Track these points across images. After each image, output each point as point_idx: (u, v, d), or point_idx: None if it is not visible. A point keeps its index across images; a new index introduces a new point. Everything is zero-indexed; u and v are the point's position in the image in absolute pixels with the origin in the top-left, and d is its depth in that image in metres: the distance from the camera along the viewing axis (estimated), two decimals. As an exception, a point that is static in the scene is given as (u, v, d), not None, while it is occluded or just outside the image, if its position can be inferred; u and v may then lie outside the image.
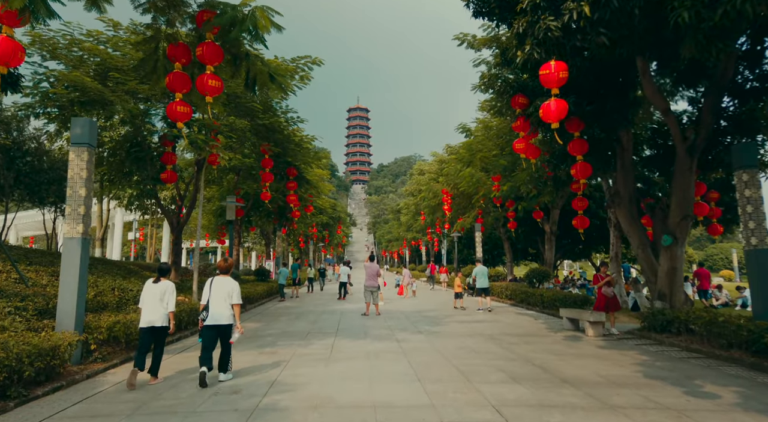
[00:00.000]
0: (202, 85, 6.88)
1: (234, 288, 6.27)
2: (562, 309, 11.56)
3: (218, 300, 6.17)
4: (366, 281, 14.20)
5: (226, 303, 6.20)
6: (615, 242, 15.30)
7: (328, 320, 12.98)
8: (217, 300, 6.17)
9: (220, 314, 6.16)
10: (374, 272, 14.15)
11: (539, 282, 17.90)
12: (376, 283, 14.17)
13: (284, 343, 9.26)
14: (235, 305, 6.26)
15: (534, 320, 13.08)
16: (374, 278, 14.15)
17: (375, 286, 14.13)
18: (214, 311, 6.15)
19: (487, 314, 14.34)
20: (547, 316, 13.95)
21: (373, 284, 14.12)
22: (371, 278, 14.13)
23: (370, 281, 14.12)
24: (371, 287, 14.11)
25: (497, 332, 10.66)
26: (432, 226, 37.42)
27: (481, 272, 16.17)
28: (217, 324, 6.17)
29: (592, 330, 10.07)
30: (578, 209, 12.46)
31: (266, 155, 15.37)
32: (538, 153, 11.44)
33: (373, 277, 14.12)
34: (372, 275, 14.13)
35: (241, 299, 6.38)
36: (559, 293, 14.54)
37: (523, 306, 16.61)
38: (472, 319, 13.11)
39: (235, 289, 6.28)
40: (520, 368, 7.00)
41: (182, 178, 16.94)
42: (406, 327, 11.60)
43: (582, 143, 9.73)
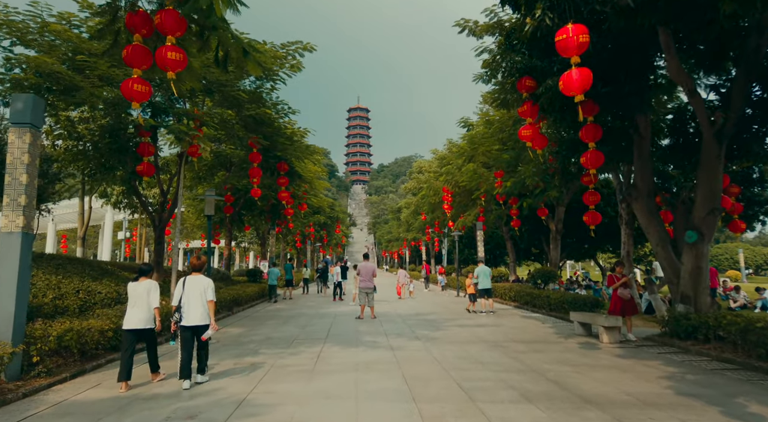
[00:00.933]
0: (161, 58, 5.93)
1: (208, 285, 6.10)
2: (572, 313, 10.61)
3: (193, 299, 6.01)
4: (360, 282, 13.22)
5: (202, 302, 6.04)
6: (626, 241, 14.33)
7: (319, 324, 12.04)
8: (192, 299, 6.01)
9: (197, 313, 6.00)
10: (370, 273, 13.20)
11: (544, 283, 16.94)
12: (371, 284, 13.14)
13: (266, 352, 8.32)
14: (209, 302, 6.08)
15: (541, 324, 12.13)
16: (370, 278, 13.14)
17: (370, 287, 13.11)
18: (189, 311, 5.99)
19: (490, 318, 13.40)
20: (554, 320, 12.99)
21: (368, 286, 13.07)
22: (366, 278, 13.13)
23: (366, 283, 13.09)
24: (366, 288, 13.10)
25: (502, 338, 9.70)
26: (432, 225, 36.45)
27: (483, 273, 15.22)
28: (193, 325, 5.99)
29: (608, 336, 9.12)
30: (589, 203, 11.48)
31: (254, 148, 14.43)
32: (545, 143, 10.48)
33: (368, 278, 13.13)
34: (367, 275, 13.17)
35: (215, 296, 6.19)
36: (567, 295, 13.58)
37: (527, 309, 15.66)
38: (475, 323, 12.16)
39: (209, 286, 6.11)
40: (532, 383, 6.05)
41: (167, 172, 16.01)
42: (403, 331, 10.64)
43: (596, 128, 8.78)
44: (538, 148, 10.32)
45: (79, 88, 10.96)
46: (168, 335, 9.53)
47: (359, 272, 13.22)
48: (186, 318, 5.98)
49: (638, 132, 9.56)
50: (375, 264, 14.15)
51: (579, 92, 6.90)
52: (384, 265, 79.02)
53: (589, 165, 8.84)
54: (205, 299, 6.05)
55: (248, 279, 21.88)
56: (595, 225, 12.15)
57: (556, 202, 19.89)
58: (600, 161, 8.85)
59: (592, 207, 11.48)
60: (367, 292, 13.08)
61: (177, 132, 10.25)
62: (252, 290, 17.89)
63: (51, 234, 31.48)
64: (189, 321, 5.98)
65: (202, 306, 6.02)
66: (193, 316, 5.99)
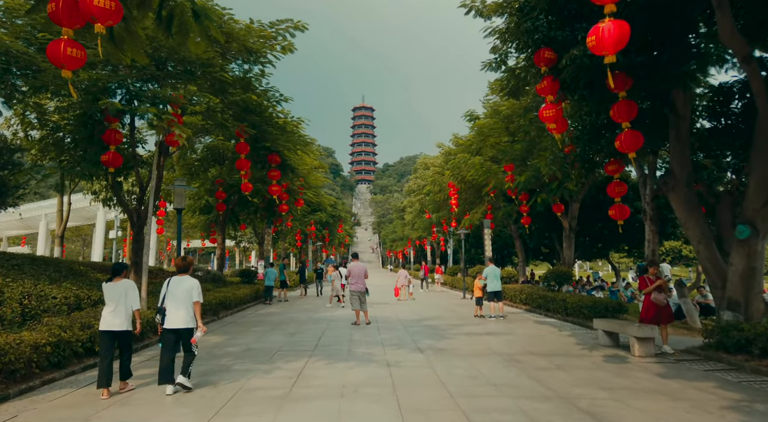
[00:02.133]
0: (86, 6, 4.68)
1: (193, 286, 5.80)
2: (596, 320, 9.26)
3: (177, 301, 5.70)
4: (351, 284, 11.96)
5: (186, 304, 5.72)
6: (651, 238, 12.94)
7: (310, 331, 10.78)
8: (176, 301, 5.70)
9: (180, 315, 5.67)
10: (361, 274, 11.92)
11: (558, 285, 15.59)
12: (363, 286, 11.94)
13: (239, 368, 7.07)
14: (195, 304, 5.77)
15: (558, 331, 10.80)
16: (362, 280, 11.92)
17: (362, 290, 11.90)
18: (172, 313, 5.68)
19: (500, 324, 12.09)
20: (572, 326, 11.66)
21: (360, 288, 11.85)
22: (357, 280, 11.87)
23: (357, 285, 11.84)
24: (358, 290, 11.85)
25: (518, 350, 8.39)
26: (438, 224, 35.14)
27: (492, 274, 13.91)
28: (176, 328, 5.67)
29: (641, 348, 7.79)
30: (615, 195, 10.09)
31: (241, 138, 13.21)
32: (566, 126, 9.17)
33: (359, 279, 11.88)
34: (359, 276, 11.89)
35: (201, 297, 5.87)
36: (586, 299, 12.24)
37: (540, 313, 14.32)
38: (483, 330, 10.86)
39: (195, 287, 5.80)
40: (562, 417, 4.75)
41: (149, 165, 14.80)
42: (403, 341, 9.36)
43: (629, 105, 7.45)
44: (559, 132, 9.00)
45: (41, 70, 9.80)
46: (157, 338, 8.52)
47: (350, 274, 12.01)
48: (168, 320, 5.66)
49: (675, 111, 8.22)
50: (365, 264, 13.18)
51: (612, 51, 5.61)
52: (389, 265, 77.64)
53: (626, 148, 7.51)
54: (191, 301, 5.73)
55: (242, 280, 20.68)
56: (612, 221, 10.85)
57: (570, 197, 18.55)
58: (638, 143, 7.52)
59: (618, 200, 10.11)
60: (360, 295, 11.87)
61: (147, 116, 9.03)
62: (243, 293, 16.69)
63: (42, 233, 30.43)
64: (171, 323, 5.65)
65: (185, 309, 5.69)
66: (175, 318, 5.65)
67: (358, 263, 12.22)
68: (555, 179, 16.47)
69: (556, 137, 9.14)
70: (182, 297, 5.70)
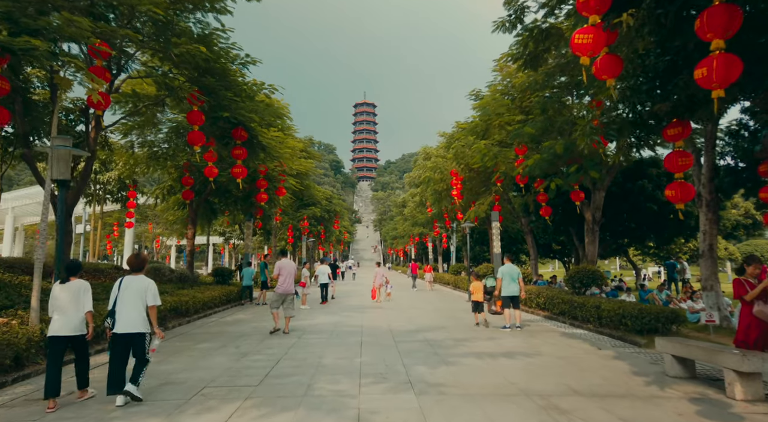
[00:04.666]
0: None
1: (148, 288, 5.30)
2: (660, 340, 6.58)
3: (128, 303, 5.19)
4: (279, 286, 10.08)
5: (139, 307, 5.22)
6: (708, 230, 10.25)
7: (270, 350, 8.18)
8: (127, 303, 5.19)
9: (131, 320, 5.14)
10: (292, 273, 10.21)
11: (585, 287, 12.92)
12: (292, 288, 10.19)
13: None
14: (150, 308, 5.29)
15: (597, 351, 8.15)
16: (290, 280, 10.14)
17: (291, 292, 10.13)
18: (122, 316, 5.16)
19: (518, 337, 9.46)
20: (612, 341, 9.02)
21: (288, 290, 10.05)
22: (286, 280, 10.08)
23: (285, 286, 10.03)
24: (286, 293, 10.04)
25: (553, 386, 5.76)
26: (440, 219, 32.47)
27: (509, 274, 11.27)
28: (127, 333, 5.13)
29: (745, 388, 5.15)
30: (676, 169, 7.35)
31: (194, 106, 10.59)
32: (619, 68, 6.47)
33: (289, 279, 10.11)
34: (287, 276, 10.11)
35: (158, 300, 5.34)
36: (628, 306, 9.57)
37: (564, 321, 11.68)
38: (498, 348, 8.23)
39: (150, 288, 5.30)
40: None
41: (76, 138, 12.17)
42: (389, 367, 6.74)
43: (729, 12, 4.80)
44: (612, 75, 6.31)
45: None
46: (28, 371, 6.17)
47: (280, 272, 10.08)
48: (119, 324, 5.17)
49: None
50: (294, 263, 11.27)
51: None
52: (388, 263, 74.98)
53: (716, 80, 4.84)
54: (144, 304, 5.28)
55: (215, 281, 18.08)
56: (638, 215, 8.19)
57: (593, 185, 15.93)
58: (734, 72, 4.84)
59: (679, 175, 7.42)
60: (285, 298, 10.08)
61: (29, 52, 6.37)
62: (210, 295, 14.10)
63: (9, 230, 27.86)
64: (122, 327, 5.16)
65: (138, 311, 5.22)
66: (125, 322, 5.17)
67: (289, 262, 10.33)
68: (574, 163, 13.88)
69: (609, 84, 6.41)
70: (135, 299, 5.22)
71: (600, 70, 6.31)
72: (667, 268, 21.41)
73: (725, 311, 10.01)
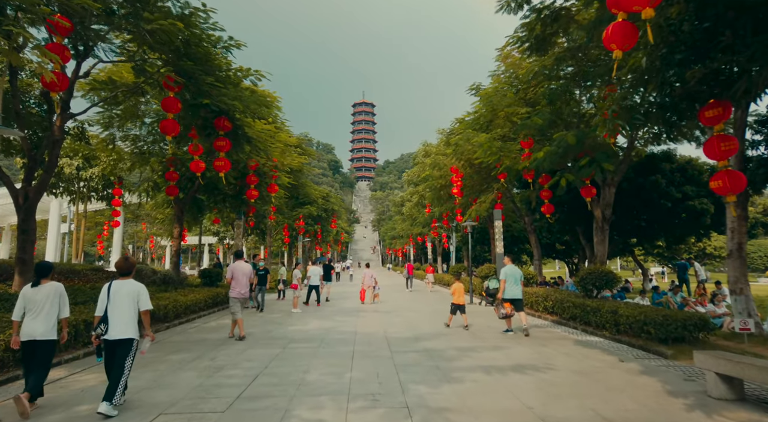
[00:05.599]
0: None
1: (140, 292, 5.12)
2: (699, 354, 5.63)
3: (121, 309, 4.98)
4: (232, 289, 9.56)
5: (130, 312, 5.01)
6: (737, 228, 9.27)
7: (249, 363, 7.22)
8: (120, 309, 4.97)
9: (122, 325, 4.94)
10: (247, 275, 9.70)
11: (598, 290, 11.98)
12: (246, 291, 9.63)
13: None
14: (144, 313, 5.12)
15: (620, 363, 7.20)
16: (246, 283, 9.64)
17: (245, 295, 9.61)
18: (115, 322, 4.92)
19: (527, 345, 8.50)
20: (633, 351, 8.07)
21: (243, 293, 9.54)
22: (241, 283, 9.58)
23: (240, 289, 9.53)
24: (240, 296, 9.53)
25: (576, 409, 4.81)
26: (439, 218, 31.53)
27: (512, 275, 10.43)
28: (119, 339, 4.91)
29: (814, 418, 4.21)
30: (719, 156, 6.33)
31: (170, 91, 9.62)
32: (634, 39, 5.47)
33: (244, 282, 9.61)
34: (243, 278, 9.60)
35: (150, 304, 5.17)
36: (650, 312, 8.61)
37: (576, 327, 10.74)
38: (508, 359, 7.28)
39: (142, 293, 5.13)
40: None
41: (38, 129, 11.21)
42: (384, 386, 5.79)
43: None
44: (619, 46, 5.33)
45: None
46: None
47: (233, 275, 9.58)
48: (112, 331, 4.90)
49: None
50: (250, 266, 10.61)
51: None
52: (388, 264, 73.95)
53: None
54: (135, 309, 5.05)
55: (202, 282, 17.10)
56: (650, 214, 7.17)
57: (603, 180, 15.03)
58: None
59: (725, 163, 6.42)
60: (242, 301, 9.63)
61: None
62: (194, 299, 13.13)
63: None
64: (115, 333, 4.90)
65: (130, 317, 4.99)
66: (120, 328, 4.92)
67: (244, 264, 9.84)
68: (586, 155, 12.99)
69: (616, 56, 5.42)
70: (127, 304, 5.03)
71: (609, 38, 5.31)
72: (677, 269, 20.46)
73: (755, 317, 9.07)
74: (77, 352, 7.64)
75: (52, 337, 5.09)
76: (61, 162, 18.80)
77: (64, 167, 18.79)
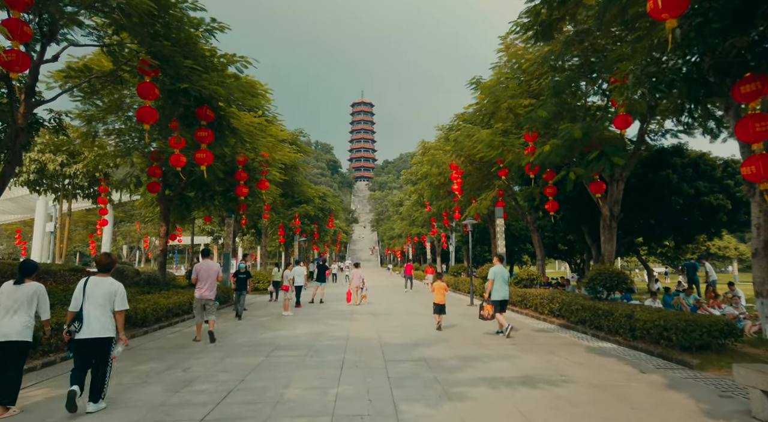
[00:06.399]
0: None
1: (117, 291, 4.93)
2: (742, 369, 4.84)
3: (94, 307, 4.79)
4: (197, 289, 9.00)
5: (106, 311, 4.84)
6: (762, 224, 8.44)
7: (224, 375, 6.42)
8: (95, 306, 4.79)
9: (97, 324, 4.75)
10: (213, 276, 9.12)
11: (609, 291, 11.21)
12: (212, 293, 9.02)
13: None
14: (118, 313, 4.92)
15: (641, 374, 6.42)
16: (211, 286, 9.03)
17: (211, 298, 9.00)
18: (90, 320, 4.74)
19: (533, 353, 7.71)
20: (654, 360, 7.30)
21: (206, 295, 8.94)
22: (207, 285, 8.99)
23: (205, 291, 8.95)
24: (204, 299, 8.97)
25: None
26: (438, 217, 30.77)
27: (501, 275, 9.89)
28: (92, 337, 4.71)
29: None
30: (752, 138, 5.63)
31: (146, 77, 8.83)
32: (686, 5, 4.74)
33: (211, 284, 9.03)
34: (209, 279, 9.04)
35: (126, 304, 4.97)
36: (670, 316, 7.83)
37: (585, 331, 9.96)
38: (515, 369, 6.49)
39: (119, 292, 4.94)
40: None
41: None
42: (376, 406, 4.99)
43: None
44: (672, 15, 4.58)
45: None
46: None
47: (197, 276, 9.01)
48: (85, 329, 4.70)
49: None
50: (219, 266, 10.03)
51: None
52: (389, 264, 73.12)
53: None
54: (111, 309, 4.88)
55: (189, 284, 16.28)
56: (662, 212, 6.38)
57: (611, 177, 14.29)
58: None
59: (758, 146, 5.66)
60: (206, 303, 9.01)
61: None
62: (177, 301, 12.32)
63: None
64: (89, 332, 4.71)
65: (106, 316, 4.83)
66: (94, 327, 4.72)
67: (210, 264, 9.21)
68: (594, 149, 12.29)
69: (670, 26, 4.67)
70: (103, 302, 4.82)
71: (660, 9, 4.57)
72: (685, 269, 19.67)
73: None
74: (35, 363, 6.83)
75: (28, 339, 4.87)
76: (43, 158, 18.00)
77: (48, 164, 17.98)
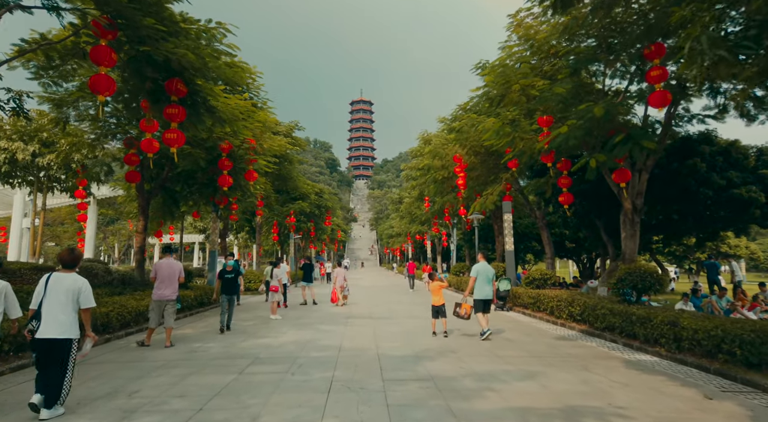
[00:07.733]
0: None
1: (81, 288, 4.64)
2: None
3: (56, 304, 4.51)
4: (156, 288, 8.35)
5: (67, 309, 4.54)
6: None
7: (181, 400, 5.04)
8: (55, 304, 4.51)
9: (54, 323, 4.46)
10: (174, 276, 8.47)
11: (639, 294, 9.84)
12: (173, 293, 8.36)
13: None
14: (84, 311, 4.67)
15: (711, 403, 5.06)
16: (172, 284, 8.35)
17: (172, 298, 8.36)
18: (48, 319, 4.46)
19: (563, 369, 6.33)
20: (712, 379, 5.94)
21: (166, 295, 8.28)
22: (167, 283, 8.33)
23: (164, 290, 8.28)
24: (164, 298, 8.30)
25: None
26: (440, 214, 29.40)
27: (485, 273, 8.83)
28: (51, 338, 4.43)
29: None
30: None
31: (102, 40, 7.43)
32: None
33: (171, 282, 8.35)
34: (169, 278, 8.37)
35: (93, 301, 4.72)
36: (730, 325, 6.47)
37: (614, 339, 8.58)
38: (547, 392, 5.12)
39: (84, 289, 4.65)
40: None
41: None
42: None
43: None
44: None
45: None
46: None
47: (156, 274, 8.39)
48: (43, 328, 4.42)
49: None
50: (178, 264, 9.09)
51: None
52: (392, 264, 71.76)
53: None
54: (75, 307, 4.60)
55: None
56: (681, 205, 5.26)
57: (633, 166, 13.02)
58: None
59: None
60: (167, 303, 8.36)
61: None
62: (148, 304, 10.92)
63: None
64: (46, 331, 4.42)
65: (66, 315, 4.51)
66: (52, 326, 4.43)
67: (171, 262, 8.53)
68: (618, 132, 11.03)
69: None
70: (64, 300, 4.53)
71: None
72: (706, 269, 18.33)
73: None
74: None
75: None
76: (13, 146, 16.59)
77: (17, 153, 16.56)
